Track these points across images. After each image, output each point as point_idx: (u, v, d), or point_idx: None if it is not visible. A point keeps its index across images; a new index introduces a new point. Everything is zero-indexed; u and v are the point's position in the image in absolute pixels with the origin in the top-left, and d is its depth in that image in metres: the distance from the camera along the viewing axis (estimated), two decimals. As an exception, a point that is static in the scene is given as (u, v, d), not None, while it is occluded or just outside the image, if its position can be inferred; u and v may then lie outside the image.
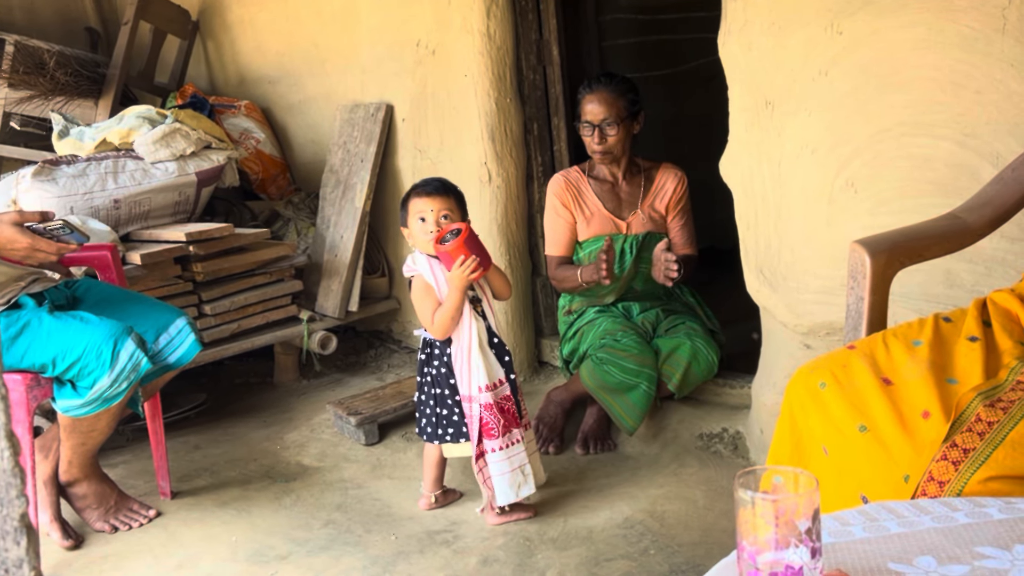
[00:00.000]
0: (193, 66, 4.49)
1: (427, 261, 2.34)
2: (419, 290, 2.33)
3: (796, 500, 0.85)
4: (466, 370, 2.33)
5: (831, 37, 2.12)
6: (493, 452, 2.33)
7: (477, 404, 2.31)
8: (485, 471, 2.35)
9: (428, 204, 2.33)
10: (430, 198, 2.33)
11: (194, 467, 2.91)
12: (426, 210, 2.32)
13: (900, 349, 1.44)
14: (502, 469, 2.33)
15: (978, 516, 1.07)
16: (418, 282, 2.34)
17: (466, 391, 2.33)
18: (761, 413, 2.57)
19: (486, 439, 2.32)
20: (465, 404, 2.34)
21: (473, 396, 2.32)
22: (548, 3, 3.27)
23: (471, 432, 2.33)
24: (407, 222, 2.37)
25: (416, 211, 2.33)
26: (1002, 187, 1.74)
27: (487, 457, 2.33)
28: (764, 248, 2.42)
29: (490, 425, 2.32)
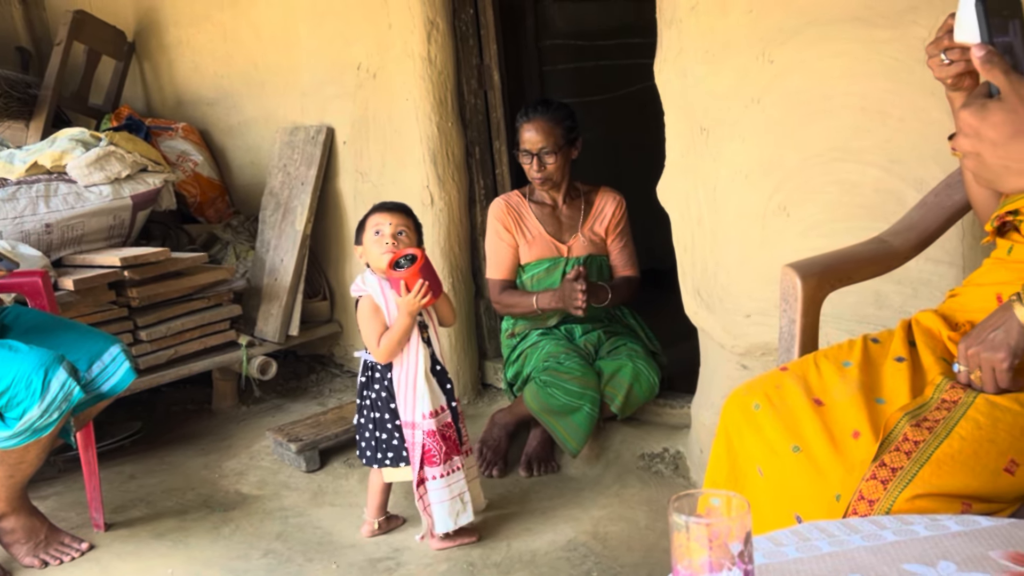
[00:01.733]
0: (129, 87, 4.42)
1: (378, 282, 2.32)
2: (367, 311, 2.31)
3: (729, 523, 0.86)
4: (410, 396, 2.31)
5: (762, 66, 2.18)
6: (434, 480, 2.31)
7: (420, 431, 2.30)
8: (425, 498, 2.34)
9: (386, 218, 2.32)
10: (389, 213, 2.34)
11: (129, 498, 2.84)
12: (383, 223, 2.32)
13: (831, 370, 1.48)
14: (442, 497, 2.32)
15: (905, 534, 1.10)
16: (366, 303, 2.32)
17: (409, 417, 2.32)
18: (700, 433, 2.60)
19: (427, 467, 2.31)
20: (407, 430, 2.32)
21: (416, 423, 2.31)
22: (488, 28, 3.30)
23: (412, 459, 2.32)
24: (362, 239, 2.36)
25: (373, 225, 2.33)
26: (925, 212, 1.80)
27: (427, 484, 2.32)
28: (701, 270, 2.47)
29: (432, 453, 2.30)
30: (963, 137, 1.00)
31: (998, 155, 0.98)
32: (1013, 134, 0.96)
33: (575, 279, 2.74)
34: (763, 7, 2.17)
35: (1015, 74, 0.98)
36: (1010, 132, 0.96)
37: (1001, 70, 0.97)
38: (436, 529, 2.35)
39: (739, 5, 2.21)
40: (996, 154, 0.98)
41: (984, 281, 1.54)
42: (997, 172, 0.99)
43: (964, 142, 1.00)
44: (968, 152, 1.00)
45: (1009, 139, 0.96)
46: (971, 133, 0.99)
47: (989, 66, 0.98)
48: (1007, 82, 0.97)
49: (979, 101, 0.99)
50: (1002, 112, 0.97)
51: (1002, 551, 1.03)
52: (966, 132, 1.00)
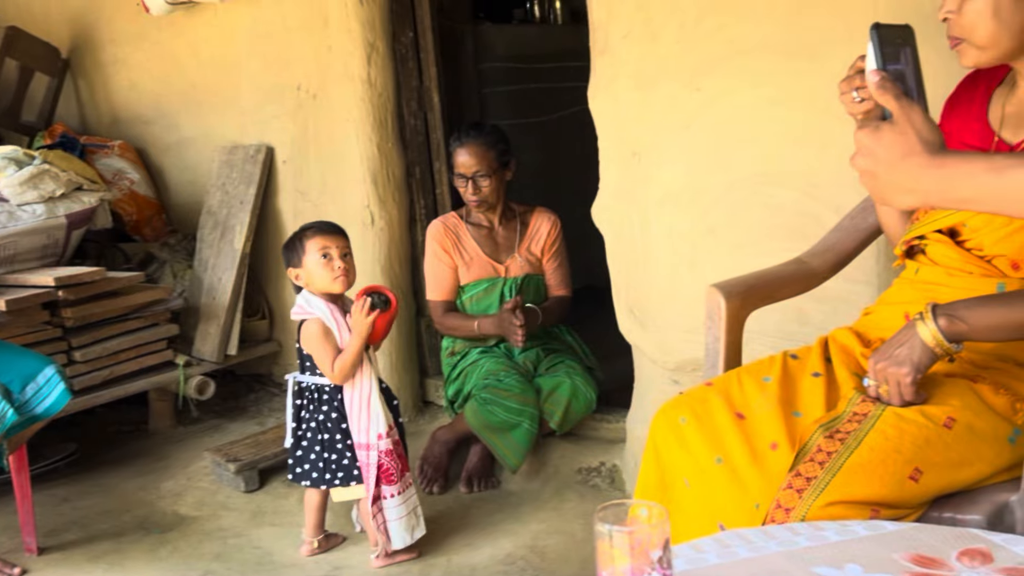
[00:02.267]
0: (63, 105, 4.36)
1: (325, 304, 2.34)
2: (317, 335, 2.32)
3: (649, 531, 0.92)
4: (365, 417, 2.33)
5: (691, 94, 2.28)
6: (392, 497, 2.34)
7: (376, 451, 2.32)
8: (380, 516, 2.35)
9: (332, 241, 2.34)
10: (333, 235, 2.36)
11: (63, 521, 2.79)
12: (330, 247, 2.33)
13: (752, 385, 1.56)
14: (399, 513, 2.36)
15: (817, 539, 1.18)
16: (315, 327, 2.32)
17: (364, 439, 2.33)
18: (635, 446, 2.68)
19: (385, 485, 2.33)
20: (361, 451, 2.34)
21: (371, 444, 2.33)
22: (428, 51, 3.36)
23: (367, 479, 2.34)
24: (300, 262, 2.35)
25: (318, 247, 2.33)
26: (842, 234, 1.90)
27: (384, 503, 2.34)
28: (634, 289, 2.55)
29: (390, 471, 2.33)
30: (859, 156, 1.07)
31: (889, 174, 1.04)
32: (902, 155, 1.03)
33: (512, 310, 2.81)
34: (691, 38, 2.27)
35: (906, 99, 1.05)
36: (900, 153, 1.03)
37: (893, 95, 1.05)
38: (393, 545, 2.37)
39: (668, 35, 2.30)
40: (888, 173, 1.04)
41: (894, 300, 1.64)
42: (890, 190, 1.05)
43: (860, 161, 1.07)
44: (864, 171, 1.07)
45: (899, 160, 1.03)
46: (866, 153, 1.06)
47: (882, 91, 1.05)
48: (898, 106, 1.04)
49: (874, 123, 1.06)
50: (894, 134, 1.03)
51: (905, 553, 1.12)
52: (862, 152, 1.06)
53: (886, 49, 1.11)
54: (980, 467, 1.38)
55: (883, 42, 1.11)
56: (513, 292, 2.97)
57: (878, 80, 1.06)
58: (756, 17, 2.16)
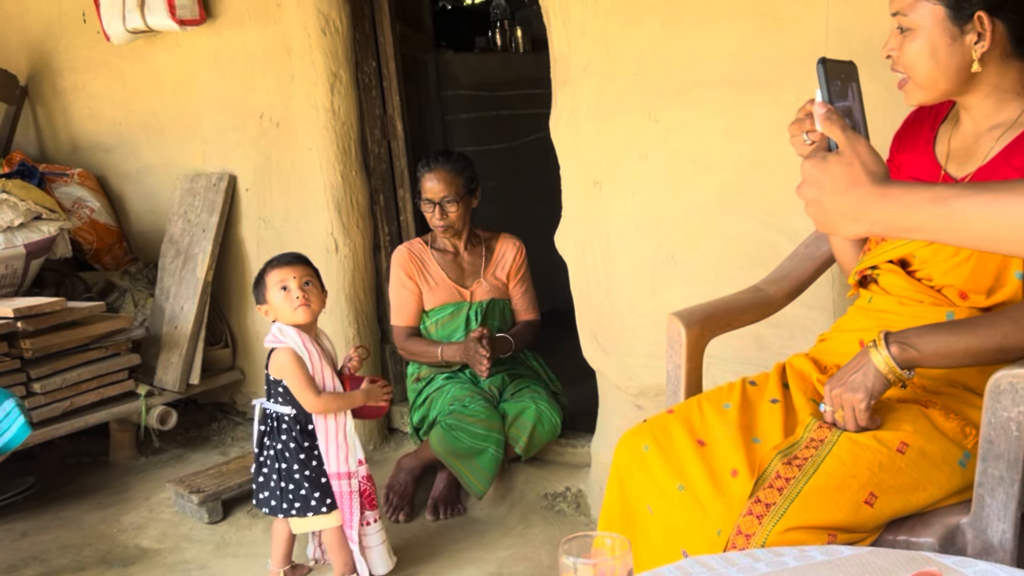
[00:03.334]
0: (21, 132, 4.32)
1: (297, 334, 2.35)
2: (290, 363, 2.33)
3: (613, 562, 0.95)
4: (343, 447, 2.36)
5: (649, 124, 2.33)
6: (374, 523, 2.39)
7: (356, 480, 2.35)
8: (364, 542, 2.38)
9: (288, 272, 2.36)
10: (289, 267, 2.37)
11: (21, 556, 2.75)
12: (287, 278, 2.35)
13: (712, 412, 1.59)
14: (380, 539, 2.40)
15: (776, 565, 1.21)
16: (288, 356, 2.34)
17: (343, 468, 2.35)
18: (600, 471, 2.70)
19: (368, 510, 2.37)
20: (341, 481, 2.35)
21: (353, 471, 2.36)
22: (391, 80, 3.39)
23: (348, 508, 2.35)
24: (265, 298, 2.38)
25: (276, 281, 2.35)
26: (797, 262, 1.96)
27: (366, 529, 2.37)
28: (597, 315, 2.59)
29: (372, 496, 2.38)
30: (806, 186, 1.10)
31: (835, 203, 1.08)
32: (848, 185, 1.06)
33: (479, 339, 2.83)
34: (648, 70, 2.32)
35: (852, 131, 1.09)
36: (845, 183, 1.06)
37: (839, 127, 1.09)
38: (377, 572, 2.40)
39: (627, 68, 2.35)
40: (833, 202, 1.08)
41: (848, 328, 1.69)
42: (835, 219, 1.09)
43: (807, 191, 1.10)
44: (810, 200, 1.10)
45: (845, 189, 1.06)
46: (812, 182, 1.09)
47: (828, 123, 1.09)
48: (844, 138, 1.08)
49: (820, 154, 1.10)
50: (840, 165, 1.07)
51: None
52: (808, 181, 1.10)
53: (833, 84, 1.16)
54: (932, 491, 1.42)
55: (830, 76, 1.16)
56: (479, 316, 2.99)
57: (824, 112, 1.10)
58: (711, 51, 2.21)
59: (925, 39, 1.44)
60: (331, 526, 2.38)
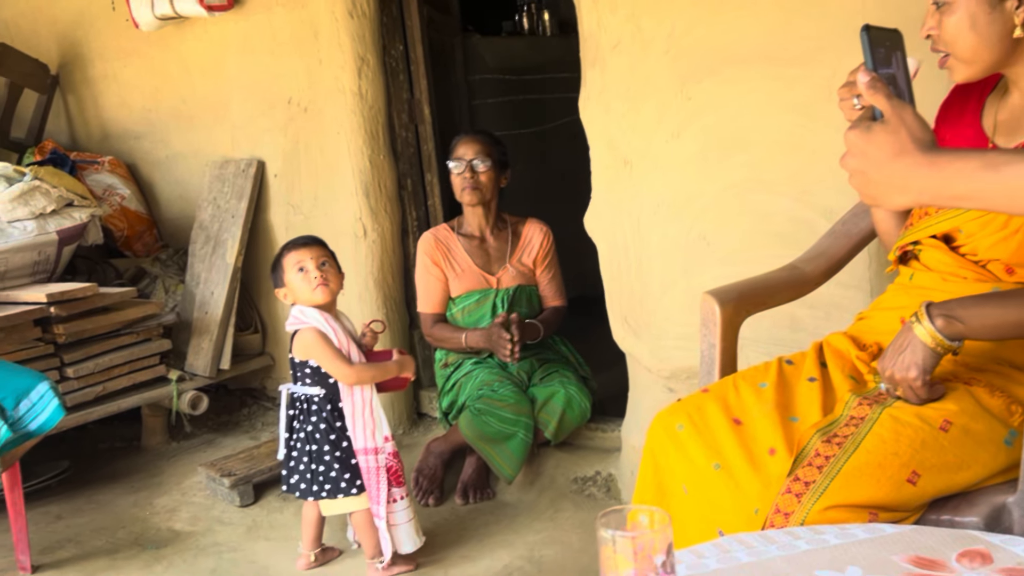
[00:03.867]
0: (53, 121, 4.35)
1: (319, 314, 2.36)
2: (316, 340, 2.33)
3: (652, 536, 0.92)
4: (370, 421, 2.36)
5: (681, 102, 2.29)
6: (401, 499, 2.38)
7: (383, 455, 2.35)
8: (391, 520, 2.37)
9: (305, 254, 2.36)
10: (305, 248, 2.38)
11: (57, 538, 2.78)
12: (304, 259, 2.35)
13: (748, 391, 1.56)
14: (407, 516, 2.39)
15: (817, 543, 1.18)
16: (313, 334, 2.33)
17: (371, 443, 2.35)
18: (631, 455, 2.68)
19: (395, 488, 2.37)
20: (367, 456, 2.35)
21: (380, 447, 2.36)
22: (419, 64, 3.37)
23: (375, 485, 2.35)
24: (283, 280, 2.38)
25: (293, 263, 2.36)
26: (834, 240, 1.92)
27: (393, 506, 2.37)
28: (627, 298, 2.56)
29: (400, 473, 2.38)
30: (850, 156, 1.07)
31: (881, 173, 1.04)
32: (894, 154, 1.03)
33: (503, 325, 2.81)
34: (681, 47, 2.28)
35: (897, 99, 1.06)
36: (891, 152, 1.03)
37: (884, 94, 1.05)
38: (403, 550, 2.40)
39: (658, 45, 2.32)
40: (879, 172, 1.04)
41: (889, 305, 1.65)
42: (880, 190, 1.05)
43: (851, 161, 1.07)
44: (854, 171, 1.07)
45: (891, 158, 1.03)
46: (857, 152, 1.06)
47: (873, 91, 1.06)
48: (889, 106, 1.05)
49: (865, 123, 1.06)
50: (885, 133, 1.03)
51: (904, 555, 1.12)
52: (853, 152, 1.06)
53: (877, 51, 1.12)
54: (977, 469, 1.38)
55: (874, 44, 1.12)
56: (505, 303, 2.97)
57: (869, 80, 1.07)
58: (745, 26, 2.17)
59: (963, 11, 1.40)
60: (361, 508, 2.38)
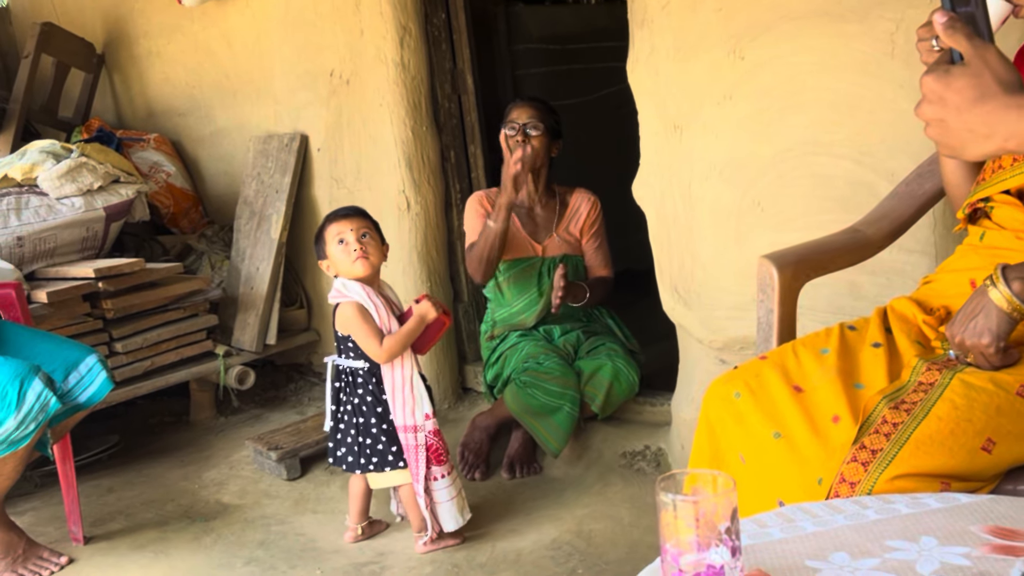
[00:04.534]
0: (99, 100, 4.38)
1: (360, 287, 2.32)
2: (355, 315, 2.30)
3: (715, 501, 0.87)
4: (410, 399, 2.32)
5: (733, 63, 2.21)
6: (442, 478, 2.34)
7: (423, 433, 2.32)
8: (430, 498, 2.34)
9: (346, 225, 2.32)
10: (346, 219, 2.34)
11: (108, 511, 2.80)
12: (344, 231, 2.32)
13: (809, 357, 1.50)
14: (450, 494, 2.35)
15: (887, 512, 1.12)
16: (352, 308, 2.30)
17: (410, 421, 2.32)
18: (681, 429, 2.62)
19: (435, 466, 2.33)
20: (407, 434, 2.32)
21: (419, 425, 2.32)
22: (461, 33, 3.31)
23: (415, 462, 2.32)
24: (325, 252, 2.35)
25: (334, 235, 2.32)
26: (897, 201, 1.83)
27: (434, 484, 2.34)
28: (678, 267, 2.49)
29: (440, 451, 2.33)
30: (926, 104, 0.99)
31: (962, 120, 0.96)
32: (976, 98, 0.95)
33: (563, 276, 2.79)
34: (733, 4, 2.19)
35: (977, 39, 0.98)
36: (973, 96, 0.95)
37: (964, 35, 0.97)
38: (445, 527, 2.37)
39: (709, 3, 2.23)
40: (960, 119, 0.96)
41: (958, 267, 1.57)
42: (961, 138, 0.97)
43: (927, 109, 0.99)
44: (932, 119, 0.99)
45: (973, 103, 0.95)
46: (935, 99, 0.98)
47: (952, 31, 0.98)
48: (970, 47, 0.96)
49: (942, 67, 0.98)
50: (966, 77, 0.95)
51: (982, 525, 1.05)
52: (929, 99, 0.98)
53: None
54: (1057, 437, 1.31)
55: None
56: (551, 272, 2.92)
57: (946, 20, 0.99)
58: (801, -20, 2.08)
59: None
60: (408, 481, 2.36)
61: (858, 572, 0.97)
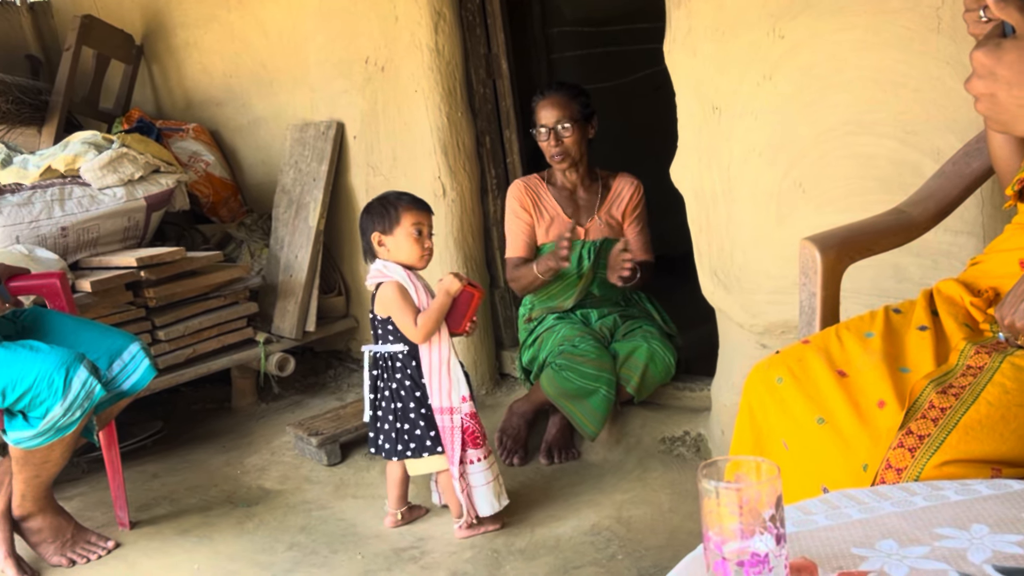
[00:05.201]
0: (139, 91, 4.43)
1: (403, 270, 2.34)
2: (397, 295, 2.31)
3: (759, 488, 0.86)
4: (446, 381, 2.33)
5: (773, 41, 2.17)
6: (478, 461, 2.35)
7: (459, 415, 2.33)
8: (464, 482, 2.35)
9: (423, 219, 2.36)
10: (424, 213, 2.36)
11: (152, 496, 2.85)
12: (423, 223, 2.35)
13: (853, 341, 1.47)
14: (486, 479, 2.35)
15: (936, 499, 1.09)
16: (394, 288, 2.31)
17: (447, 403, 2.33)
18: (721, 414, 2.59)
19: (471, 449, 2.34)
20: (443, 416, 2.33)
21: (455, 407, 2.33)
22: (495, 18, 3.29)
23: (451, 444, 2.33)
24: (391, 230, 2.33)
25: (412, 221, 2.33)
26: (944, 181, 1.78)
27: (470, 467, 2.34)
28: (717, 251, 2.46)
29: (476, 434, 2.34)
30: (977, 79, 0.96)
31: (1013, 95, 0.93)
32: None
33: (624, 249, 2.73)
34: (772, -18, 2.15)
35: None
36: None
37: (1016, 7, 0.94)
38: (480, 512, 2.37)
39: (748, -19, 2.19)
40: (1011, 94, 0.93)
41: (1007, 247, 1.53)
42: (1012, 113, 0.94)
43: (978, 84, 0.96)
44: (982, 94, 0.96)
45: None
46: (985, 74, 0.95)
47: (1003, 4, 0.95)
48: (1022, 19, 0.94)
49: (993, 41, 0.95)
50: (1017, 50, 0.92)
51: (1035, 512, 1.02)
52: (980, 73, 0.95)
53: None
54: (1114, 422, 1.26)
55: None
56: (591, 255, 2.90)
57: None
58: (843, -45, 2.03)
59: None
60: (446, 467, 2.36)
61: (907, 560, 0.95)
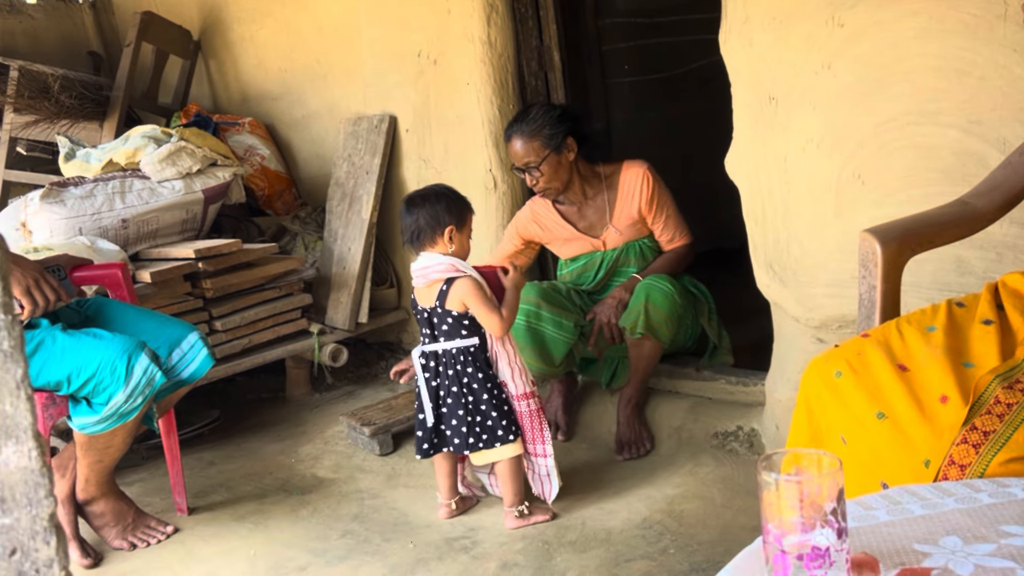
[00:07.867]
0: (196, 85, 4.51)
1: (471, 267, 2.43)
2: (480, 291, 2.35)
3: (820, 481, 0.85)
4: (517, 369, 2.42)
5: (832, 30, 2.13)
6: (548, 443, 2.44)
7: (535, 399, 2.42)
8: (540, 464, 2.43)
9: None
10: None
11: (210, 483, 2.91)
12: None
13: (915, 335, 1.44)
14: (554, 459, 2.44)
15: (1002, 496, 1.07)
16: (473, 284, 2.35)
17: (527, 388, 2.42)
18: (776, 409, 2.56)
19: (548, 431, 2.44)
20: (523, 401, 2.41)
21: (531, 391, 2.42)
22: (548, 9, 3.28)
23: (538, 425, 2.41)
24: (463, 228, 2.41)
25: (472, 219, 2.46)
26: (1010, 171, 1.73)
27: (546, 450, 2.43)
28: (773, 243, 2.42)
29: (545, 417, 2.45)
30: None
31: None
32: None
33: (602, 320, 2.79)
34: (831, -31, 2.11)
35: None
36: None
37: None
38: (554, 493, 2.43)
39: (806, -31, 2.15)
40: None
41: (1076, 240, 1.48)
42: None
43: None
44: None
45: None
46: None
47: None
48: None
49: None
50: None
51: (1107, 512, 0.99)
52: None
53: None
54: None
55: None
56: (609, 264, 2.91)
57: None
58: (905, -59, 1.98)
59: None
60: (512, 455, 2.38)
61: (972, 558, 0.93)
